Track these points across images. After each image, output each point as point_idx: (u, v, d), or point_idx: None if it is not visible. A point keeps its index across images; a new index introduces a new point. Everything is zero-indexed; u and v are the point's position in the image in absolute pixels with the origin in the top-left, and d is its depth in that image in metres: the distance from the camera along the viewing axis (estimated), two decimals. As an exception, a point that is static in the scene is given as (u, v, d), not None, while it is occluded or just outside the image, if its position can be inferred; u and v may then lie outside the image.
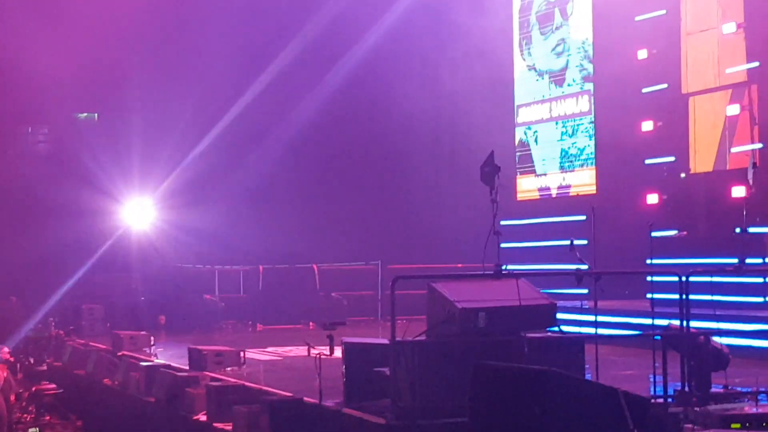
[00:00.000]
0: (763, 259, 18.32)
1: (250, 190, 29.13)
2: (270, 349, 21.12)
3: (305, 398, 13.37)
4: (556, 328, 12.49)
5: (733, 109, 22.62)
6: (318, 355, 13.14)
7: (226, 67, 28.68)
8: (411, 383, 11.59)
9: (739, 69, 22.52)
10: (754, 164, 18.43)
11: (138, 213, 30.72)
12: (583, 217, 24.20)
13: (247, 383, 15.55)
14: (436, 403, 11.37)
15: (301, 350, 17.08)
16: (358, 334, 18.34)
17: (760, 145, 21.81)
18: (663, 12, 24.21)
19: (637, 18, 24.64)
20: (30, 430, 10.68)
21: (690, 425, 10.34)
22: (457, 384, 10.76)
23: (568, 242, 14.56)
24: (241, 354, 18.11)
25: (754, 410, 10.40)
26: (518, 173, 29.03)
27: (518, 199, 28.79)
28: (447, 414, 11.02)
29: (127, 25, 29.27)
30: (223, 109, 29.52)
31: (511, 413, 9.04)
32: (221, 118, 29.48)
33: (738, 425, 9.88)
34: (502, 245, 12.83)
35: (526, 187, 28.91)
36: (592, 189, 26.62)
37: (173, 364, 18.48)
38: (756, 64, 22.09)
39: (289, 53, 28.99)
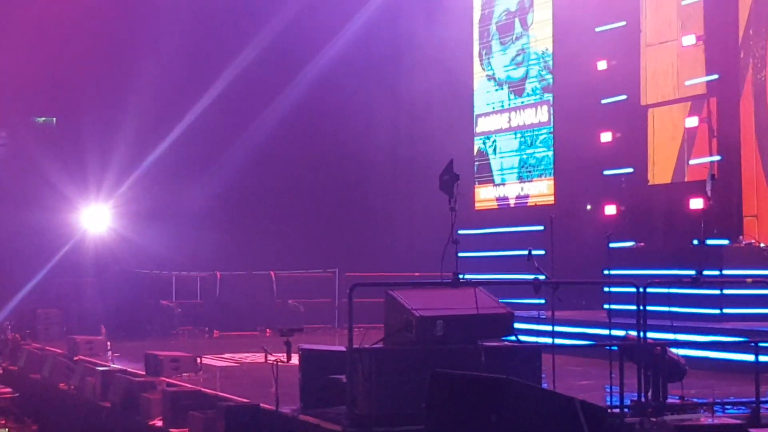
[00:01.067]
0: (720, 271, 18.41)
1: (208, 196, 29.05)
2: (227, 355, 21.04)
3: (261, 404, 13.33)
4: (513, 338, 12.51)
5: (692, 121, 22.76)
6: (275, 362, 13.09)
7: (185, 75, 28.59)
8: (367, 390, 11.57)
9: (698, 81, 22.67)
10: (713, 176, 18.52)
11: (95, 218, 30.56)
12: (541, 228, 24.25)
13: (203, 389, 15.49)
14: (392, 411, 11.36)
15: (257, 357, 17.02)
16: (315, 342, 18.30)
17: (718, 158, 21.96)
18: (623, 23, 24.34)
19: (597, 29, 24.75)
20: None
21: (645, 435, 10.36)
22: (414, 392, 10.75)
23: (526, 252, 14.55)
24: (198, 360, 18.04)
25: (709, 421, 10.43)
26: (477, 183, 29.06)
27: (476, 208, 28.81)
28: (403, 422, 10.99)
29: (86, 29, 29.13)
30: (181, 115, 29.41)
31: (467, 421, 9.03)
32: (179, 124, 29.36)
33: (694, 436, 9.92)
34: (460, 254, 12.82)
35: (485, 196, 28.95)
36: (550, 199, 26.69)
37: (129, 369, 18.36)
38: (715, 76, 22.25)
39: (247, 60, 28.93)
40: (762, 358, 12.64)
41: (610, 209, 24.26)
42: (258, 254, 27.88)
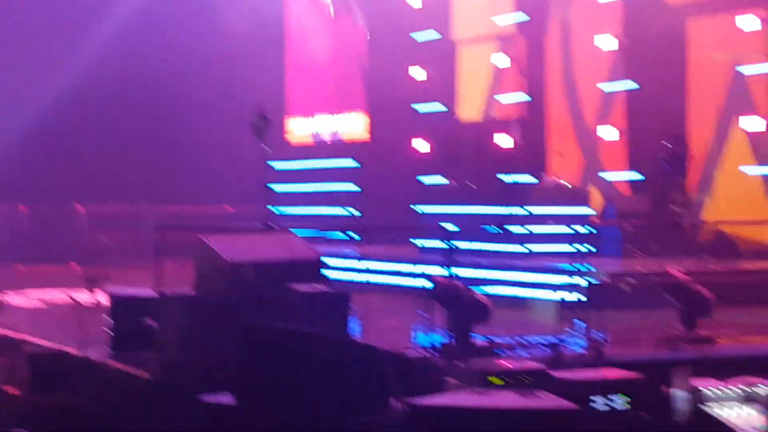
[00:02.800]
0: (526, 208, 18.79)
1: (14, 123, 28.32)
2: (31, 292, 20.60)
3: (67, 349, 13.12)
4: (324, 282, 12.59)
5: (501, 60, 23.11)
6: (82, 306, 12.93)
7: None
8: (177, 337, 11.54)
9: (507, 20, 22.98)
10: (520, 119, 18.88)
11: None
12: (354, 163, 24.45)
13: (6, 332, 15.14)
14: (202, 357, 11.33)
15: (64, 297, 16.74)
16: (125, 279, 18.07)
17: (525, 96, 22.37)
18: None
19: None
20: None
21: (453, 380, 10.56)
22: (225, 338, 10.75)
23: (338, 186, 14.66)
24: (0, 299, 17.62)
25: (512, 364, 10.70)
26: (291, 117, 29.01)
27: (290, 142, 28.78)
28: (214, 368, 10.98)
29: None
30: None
31: (277, 373, 9.11)
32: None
33: (498, 380, 10.16)
34: (274, 188, 12.87)
35: (298, 130, 28.91)
36: (363, 134, 26.80)
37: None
38: (524, 16, 22.59)
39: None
40: (565, 296, 12.98)
41: (421, 145, 24.50)
42: (65, 186, 27.32)
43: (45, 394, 12.68)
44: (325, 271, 12.80)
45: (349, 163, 25.03)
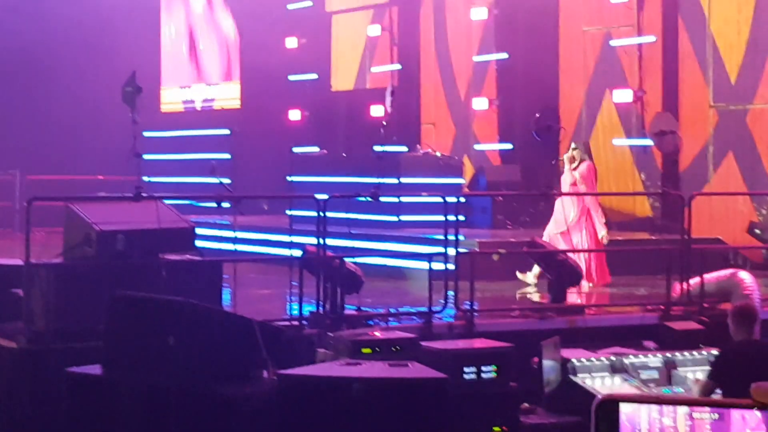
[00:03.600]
0: (398, 179, 18.91)
1: None
2: None
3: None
4: (195, 251, 12.56)
5: (374, 30, 23.18)
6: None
7: None
8: (45, 306, 11.40)
9: (381, -10, 23.09)
10: (393, 91, 18.97)
11: None
12: (227, 131, 24.34)
13: None
14: (71, 327, 11.21)
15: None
16: (-5, 247, 17.83)
17: (398, 66, 22.48)
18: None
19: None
20: None
21: (323, 350, 10.64)
22: (94, 308, 10.63)
23: (211, 156, 14.62)
24: None
25: (383, 335, 10.80)
26: (162, 85, 28.76)
27: (162, 111, 28.54)
28: (83, 338, 10.88)
29: None
30: None
31: (145, 343, 9.09)
32: None
33: (368, 350, 10.26)
34: (145, 156, 12.78)
35: (170, 99, 28.69)
36: (236, 103, 26.69)
37: None
38: (398, -14, 22.72)
39: None
40: (435, 267, 13.11)
41: (295, 115, 24.51)
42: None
43: None
44: (196, 241, 12.78)
45: (222, 132, 24.91)
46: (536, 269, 15.33)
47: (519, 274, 15.68)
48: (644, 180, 19.46)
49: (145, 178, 12.77)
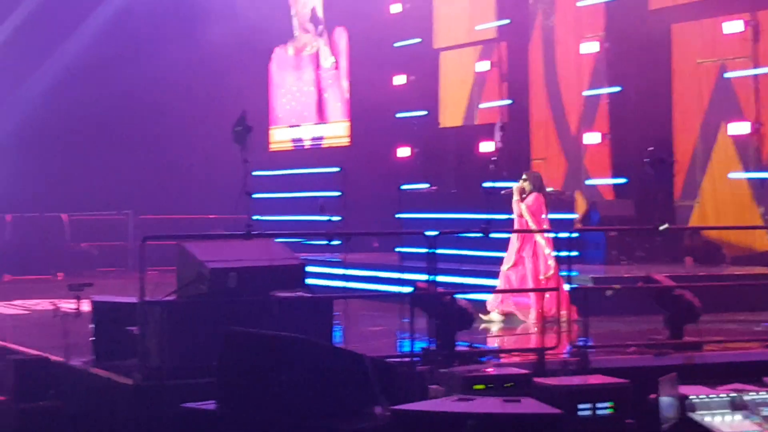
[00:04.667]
0: (509, 214, 18.76)
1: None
2: (17, 302, 20.58)
3: (52, 357, 13.11)
4: (305, 288, 12.57)
5: (483, 66, 23.11)
6: (65, 313, 12.88)
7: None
8: (159, 343, 11.50)
9: (489, 26, 23.00)
10: (502, 126, 18.85)
11: None
12: (336, 169, 24.41)
13: (-9, 341, 15.13)
14: (185, 364, 11.29)
15: (48, 305, 16.68)
16: (108, 286, 18.06)
17: (508, 102, 22.37)
18: (416, -33, 24.52)
19: (390, -27, 24.90)
20: None
21: (435, 386, 10.54)
22: (207, 345, 10.69)
23: (320, 194, 14.66)
24: (-15, 309, 17.62)
25: (496, 371, 10.67)
26: (272, 124, 29.01)
27: (271, 149, 28.77)
28: (196, 375, 10.93)
29: None
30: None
31: (258, 379, 9.07)
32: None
33: (481, 386, 10.14)
34: (255, 196, 12.85)
35: (279, 137, 28.91)
36: (345, 141, 26.81)
37: None
38: (506, 21, 22.60)
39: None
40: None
41: (403, 152, 24.52)
42: (50, 196, 27.27)
43: (30, 401, 12.65)
44: (307, 279, 12.79)
45: (331, 170, 24.99)
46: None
47: (482, 317, 15.53)
48: (763, 213, 19.07)
49: (255, 217, 12.81)
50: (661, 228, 14.12)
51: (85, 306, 13.01)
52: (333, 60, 27.52)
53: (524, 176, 16.50)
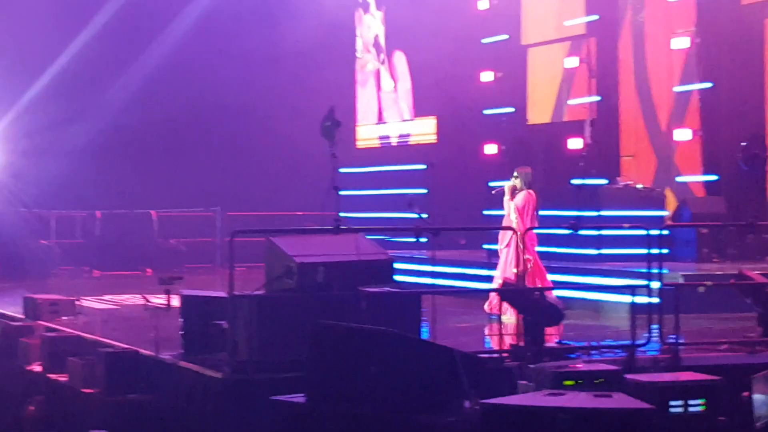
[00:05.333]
0: (598, 211, 18.64)
1: (89, 134, 28.56)
2: (107, 297, 20.81)
3: (141, 350, 13.23)
4: (394, 284, 12.55)
5: (572, 62, 22.93)
6: (155, 307, 12.99)
7: (66, 10, 27.98)
8: (248, 337, 11.56)
9: (578, 22, 22.81)
10: (591, 122, 18.72)
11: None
12: (423, 166, 24.35)
13: (82, 334, 15.30)
14: (273, 358, 11.35)
15: (138, 299, 16.87)
16: (197, 282, 18.21)
17: (597, 98, 22.17)
18: (504, -37, 24.39)
19: (478, -32, 24.79)
20: None
21: (524, 381, 10.47)
22: (295, 339, 10.74)
23: (407, 191, 14.63)
24: (77, 303, 17.80)
25: (586, 366, 10.58)
26: (359, 121, 29.05)
27: (358, 147, 28.81)
28: (284, 368, 10.97)
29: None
30: (62, 50, 28.83)
31: (347, 372, 9.08)
32: (58, 60, 28.79)
33: (571, 382, 10.05)
34: (342, 193, 12.85)
35: (366, 135, 28.94)
36: (432, 138, 26.75)
37: (7, 313, 18.07)
38: (595, 17, 22.41)
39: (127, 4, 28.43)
40: (638, 300, 12.84)
41: (491, 149, 24.41)
42: (139, 193, 27.54)
43: (120, 393, 12.79)
44: (394, 275, 12.78)
45: (418, 167, 24.95)
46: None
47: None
48: None
49: (342, 214, 12.82)
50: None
51: (175, 300, 13.09)
52: (392, 84, 27.70)
53: (515, 174, 16.35)
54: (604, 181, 20.03)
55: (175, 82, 28.25)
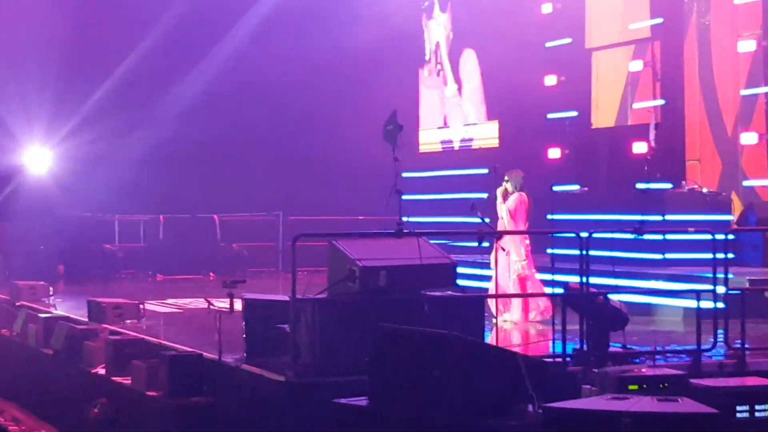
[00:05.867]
0: (663, 215, 18.50)
1: (152, 138, 28.76)
2: (170, 300, 20.94)
3: (204, 354, 13.29)
4: (456, 288, 12.51)
5: (636, 65, 22.77)
6: (217, 311, 13.02)
7: (126, 17, 28.21)
8: (311, 341, 11.57)
9: (642, 25, 22.64)
10: (656, 125, 18.56)
11: (37, 160, 30.20)
12: (486, 171, 24.26)
13: (146, 337, 15.41)
14: (336, 361, 11.34)
15: (201, 303, 16.95)
16: (259, 287, 18.23)
17: (662, 102, 22.00)
18: (567, -34, 24.27)
19: (542, -27, 24.69)
20: None
21: (588, 386, 10.38)
22: (358, 343, 10.74)
23: (469, 195, 14.58)
24: (141, 306, 17.93)
25: (650, 371, 10.47)
26: (421, 126, 29.02)
27: (420, 151, 28.78)
28: (347, 372, 10.97)
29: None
30: (123, 57, 29.05)
31: (410, 375, 9.05)
32: (121, 66, 29.01)
33: (635, 386, 9.96)
34: (404, 197, 12.83)
35: (429, 139, 28.90)
36: (494, 143, 26.67)
37: (72, 316, 18.23)
38: (659, 20, 22.23)
39: (188, 2, 28.57)
40: (703, 305, 12.71)
41: (554, 153, 24.30)
42: (201, 197, 27.71)
43: (184, 396, 12.85)
44: (457, 279, 12.73)
45: (480, 171, 24.87)
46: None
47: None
48: None
49: (404, 218, 12.78)
50: None
51: (238, 304, 13.13)
52: (456, 87, 27.65)
53: (506, 178, 16.30)
54: (668, 185, 19.89)
55: (237, 87, 28.41)
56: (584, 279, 12.55)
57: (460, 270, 12.94)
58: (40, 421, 17.10)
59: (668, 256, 18.11)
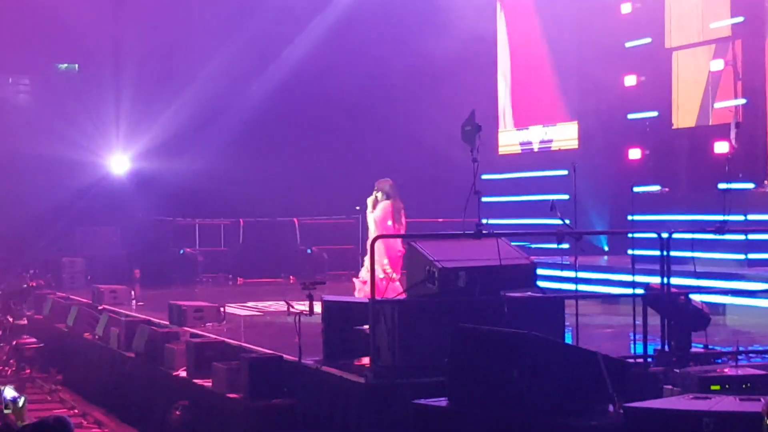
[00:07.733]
0: (745, 216, 18.28)
1: (231, 142, 28.99)
2: (250, 303, 21.07)
3: (285, 356, 13.34)
4: (537, 289, 12.46)
5: (717, 65, 22.51)
6: (297, 313, 13.07)
7: (205, 20, 28.45)
8: (390, 342, 11.57)
9: (723, 24, 22.40)
10: (737, 123, 18.33)
11: (118, 165, 30.56)
12: (565, 172, 24.13)
13: (227, 340, 15.50)
14: (415, 363, 11.34)
15: (281, 306, 17.03)
16: (339, 289, 18.33)
17: (743, 101, 21.75)
18: (647, -34, 24.08)
19: (621, -27, 24.51)
20: (3, 387, 10.61)
21: (669, 386, 10.30)
22: (437, 344, 10.73)
23: (549, 197, 14.48)
24: (221, 309, 18.05)
25: (733, 372, 10.36)
26: (500, 127, 28.92)
27: (499, 153, 28.68)
28: (426, 373, 10.96)
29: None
30: (203, 60, 29.31)
31: (489, 376, 9.02)
32: (200, 70, 29.27)
33: (717, 387, 9.85)
34: (483, 199, 12.79)
35: (508, 141, 28.80)
36: (574, 144, 26.52)
37: (153, 319, 18.40)
38: (740, 18, 21.98)
39: (269, 5, 28.74)
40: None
41: (635, 153, 24.09)
42: (281, 201, 27.86)
43: (263, 398, 12.91)
44: (537, 280, 12.67)
45: (560, 173, 24.74)
46: None
47: None
48: None
49: (484, 220, 12.73)
50: None
51: (317, 306, 13.18)
52: None
53: (376, 188, 16.26)
54: (750, 185, 19.65)
55: (316, 92, 28.53)
56: (665, 279, 12.43)
57: (541, 271, 12.88)
58: (122, 424, 17.27)
59: (751, 256, 17.88)
